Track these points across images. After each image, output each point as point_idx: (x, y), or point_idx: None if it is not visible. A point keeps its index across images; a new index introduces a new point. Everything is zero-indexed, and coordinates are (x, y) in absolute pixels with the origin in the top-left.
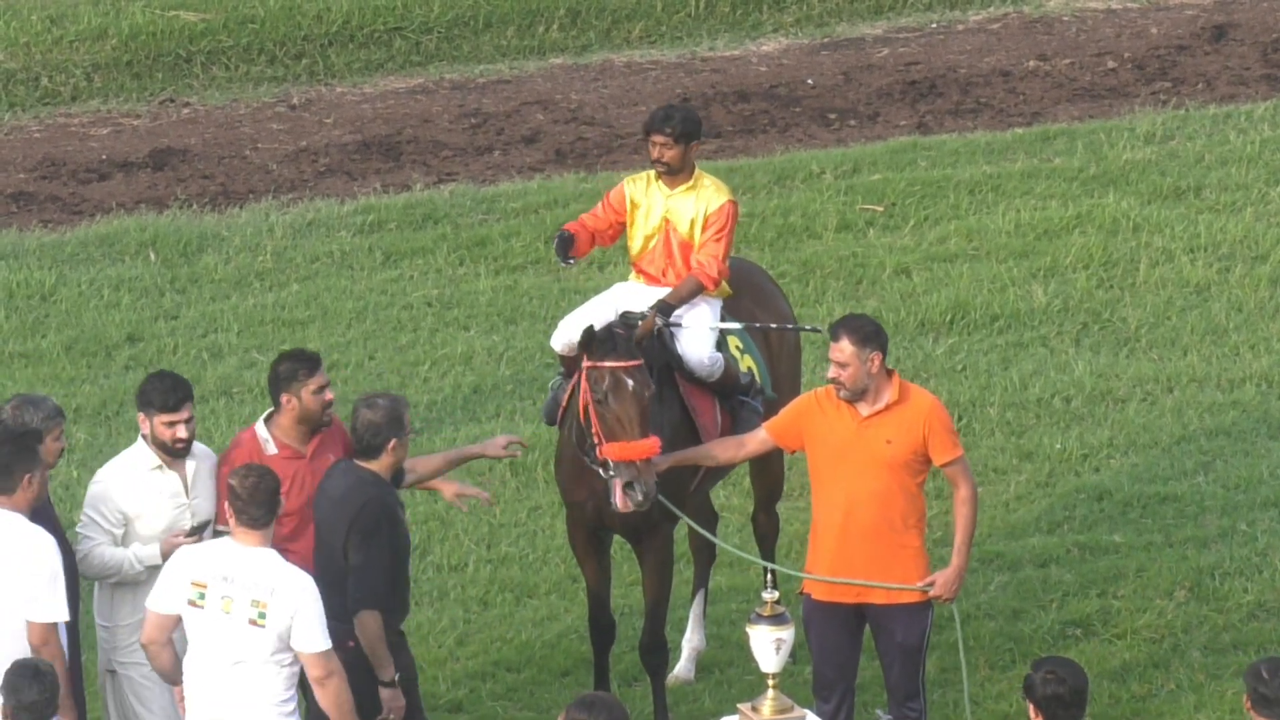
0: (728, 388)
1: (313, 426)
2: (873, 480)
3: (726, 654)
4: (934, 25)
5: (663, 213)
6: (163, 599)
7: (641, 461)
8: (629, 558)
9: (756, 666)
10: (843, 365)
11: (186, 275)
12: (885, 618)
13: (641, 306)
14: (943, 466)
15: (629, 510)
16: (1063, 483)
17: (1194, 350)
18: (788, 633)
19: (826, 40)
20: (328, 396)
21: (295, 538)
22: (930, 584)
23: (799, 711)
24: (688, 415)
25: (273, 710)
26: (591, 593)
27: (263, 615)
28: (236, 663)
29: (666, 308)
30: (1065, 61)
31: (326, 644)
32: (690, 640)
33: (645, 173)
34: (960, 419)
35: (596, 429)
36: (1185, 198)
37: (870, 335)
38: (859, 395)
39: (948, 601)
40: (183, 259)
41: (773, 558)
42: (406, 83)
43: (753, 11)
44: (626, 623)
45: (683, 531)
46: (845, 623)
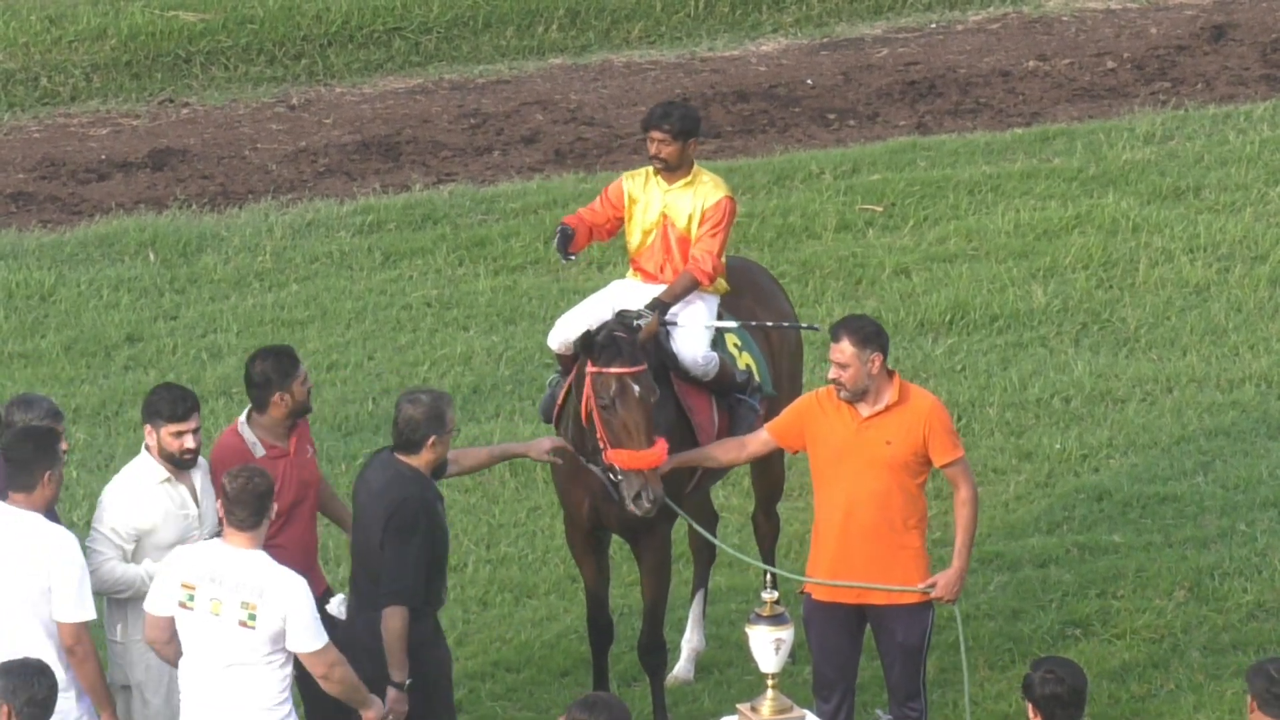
0: (724, 386)
1: (300, 416)
2: (872, 481)
3: (726, 654)
4: (933, 25)
5: (660, 208)
6: (156, 601)
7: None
8: (628, 558)
9: (756, 666)
10: (843, 366)
11: (186, 275)
12: (886, 618)
13: (638, 304)
14: (943, 467)
15: (638, 515)
16: (1062, 483)
17: (1193, 350)
18: (787, 633)
19: (826, 40)
20: (309, 384)
21: (279, 533)
22: (931, 585)
23: (798, 711)
24: (683, 414)
25: (267, 713)
26: (590, 593)
27: (252, 617)
28: (229, 665)
29: (662, 306)
30: (1065, 62)
31: (322, 641)
32: (690, 640)
33: (644, 168)
34: (960, 419)
35: (601, 434)
36: (1185, 198)
37: (871, 336)
38: (859, 396)
39: (949, 603)
40: (182, 259)
41: (773, 558)
42: (406, 83)
43: (752, 12)
44: (626, 623)
45: (682, 531)
46: (845, 623)
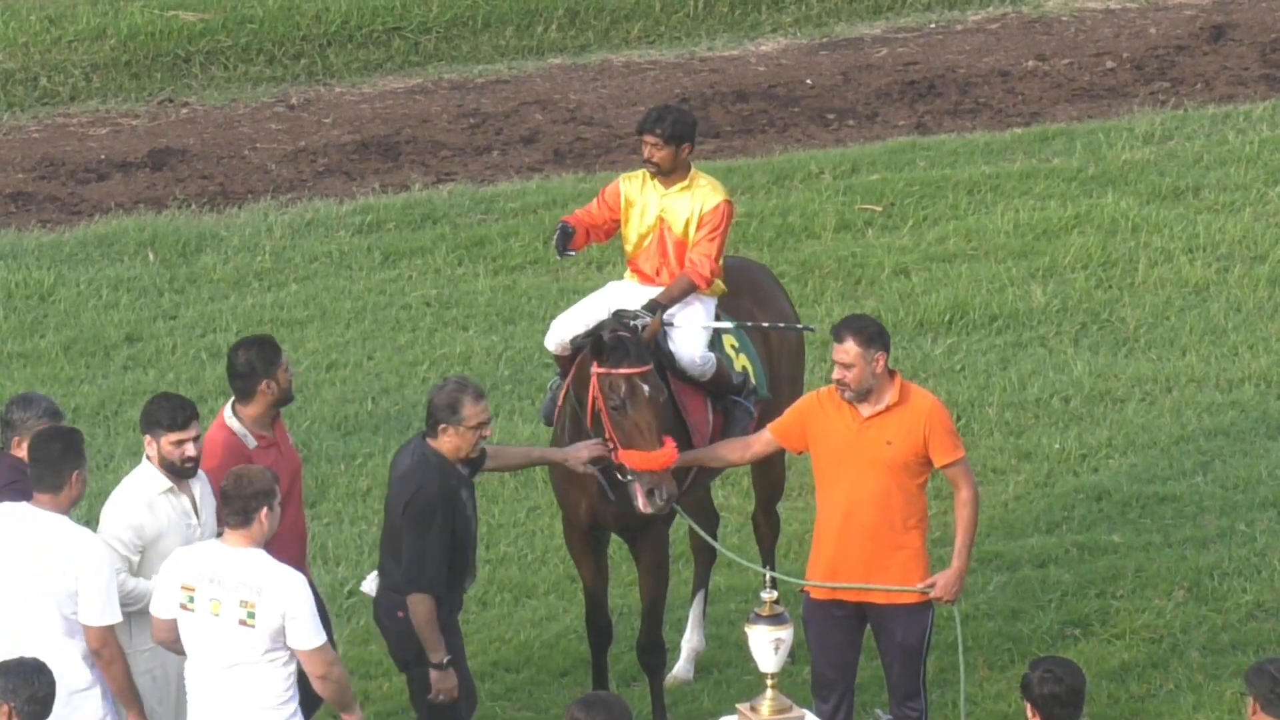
0: (720, 387)
1: (284, 404)
2: (872, 481)
3: (725, 654)
4: (933, 25)
5: (658, 211)
6: (159, 604)
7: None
8: (627, 558)
9: (755, 666)
10: (847, 366)
11: (185, 275)
12: (886, 618)
13: (634, 305)
14: (943, 468)
15: (650, 513)
16: (1061, 483)
17: (1193, 350)
18: (786, 633)
19: (825, 40)
20: (291, 372)
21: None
22: (930, 585)
23: (798, 711)
24: (679, 414)
25: (271, 712)
26: (588, 593)
27: (251, 615)
28: (231, 665)
29: (658, 308)
30: (1064, 62)
31: (321, 639)
32: (689, 640)
33: (640, 170)
34: (959, 419)
35: (611, 435)
36: (1184, 198)
37: (874, 336)
38: (863, 396)
39: (948, 603)
40: (181, 259)
41: (772, 558)
42: (405, 83)
43: (751, 11)
44: (625, 623)
45: (682, 531)
46: (845, 622)
